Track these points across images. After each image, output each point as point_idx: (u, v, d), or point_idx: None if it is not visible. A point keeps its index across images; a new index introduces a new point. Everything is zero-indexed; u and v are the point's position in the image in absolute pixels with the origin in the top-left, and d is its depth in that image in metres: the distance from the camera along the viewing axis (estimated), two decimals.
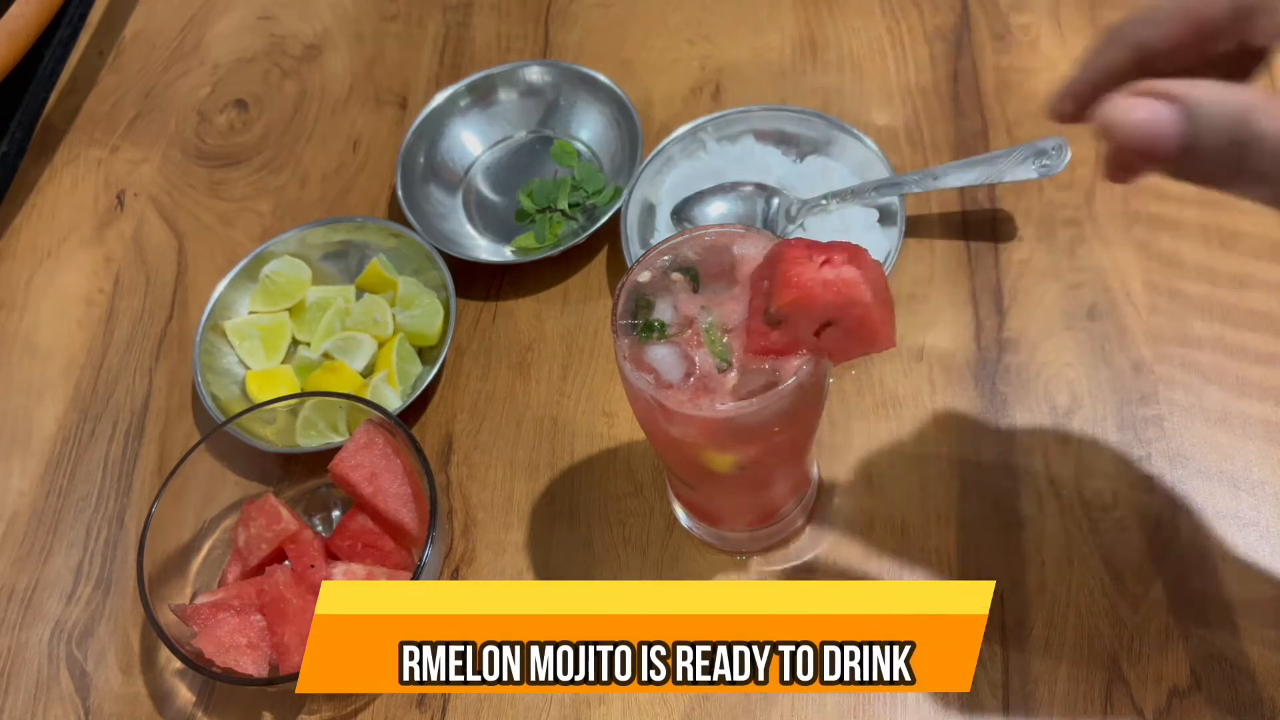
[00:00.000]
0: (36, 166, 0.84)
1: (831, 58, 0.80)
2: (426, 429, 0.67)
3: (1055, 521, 0.58)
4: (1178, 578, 0.56)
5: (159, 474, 0.68)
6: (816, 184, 0.70)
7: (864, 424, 0.63)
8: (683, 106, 0.79)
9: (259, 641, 0.56)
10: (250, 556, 0.59)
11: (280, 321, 0.71)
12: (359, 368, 0.68)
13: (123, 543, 0.66)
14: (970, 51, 0.78)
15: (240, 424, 0.62)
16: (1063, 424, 0.61)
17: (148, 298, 0.76)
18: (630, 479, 0.63)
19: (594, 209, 0.73)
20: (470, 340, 0.70)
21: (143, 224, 0.80)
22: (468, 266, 0.71)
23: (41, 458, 0.70)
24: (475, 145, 0.79)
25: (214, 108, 0.86)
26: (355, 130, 0.82)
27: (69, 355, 0.74)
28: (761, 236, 0.48)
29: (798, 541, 0.60)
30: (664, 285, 0.48)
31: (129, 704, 0.60)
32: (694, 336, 0.46)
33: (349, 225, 0.73)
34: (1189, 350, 0.63)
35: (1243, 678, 0.53)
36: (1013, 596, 0.57)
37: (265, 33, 0.90)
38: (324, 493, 0.65)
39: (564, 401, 0.67)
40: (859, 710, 0.55)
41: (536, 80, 0.79)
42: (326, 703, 0.58)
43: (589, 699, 0.57)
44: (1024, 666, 0.55)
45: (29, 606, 0.64)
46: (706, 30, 0.83)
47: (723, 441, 0.47)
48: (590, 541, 0.62)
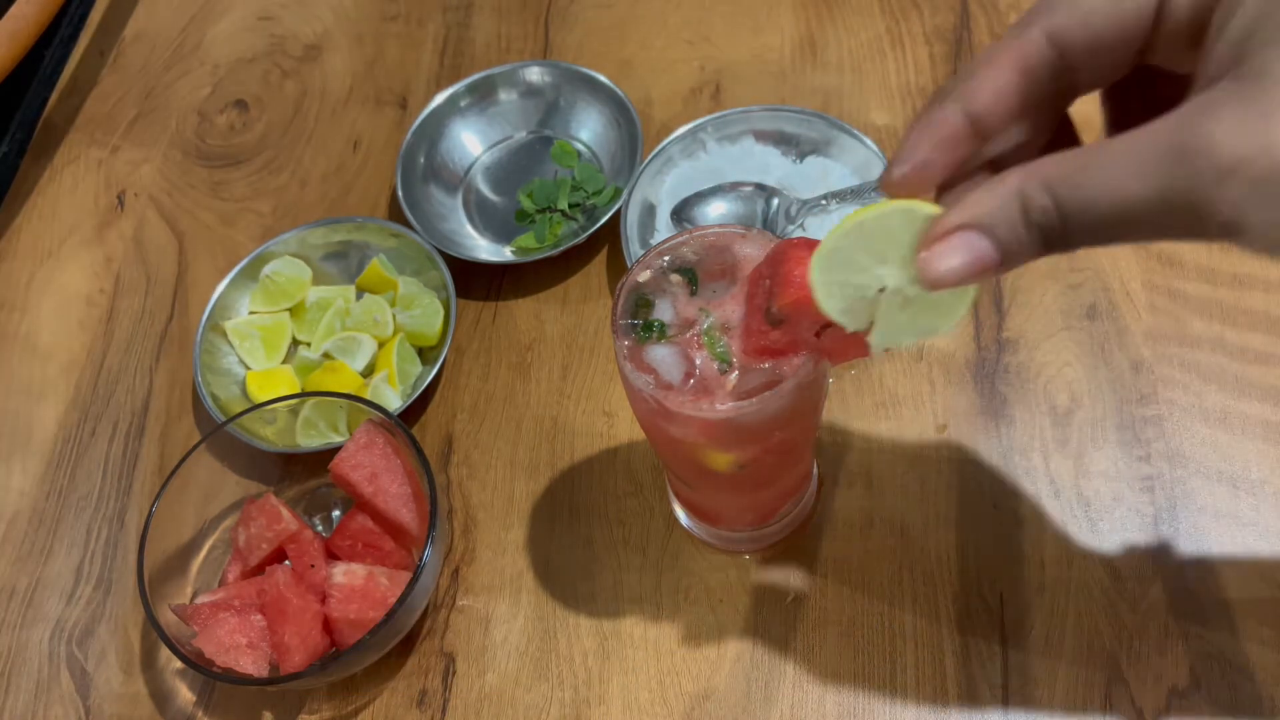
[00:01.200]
0: (37, 167, 0.84)
1: (831, 58, 0.80)
2: (426, 429, 0.67)
3: (1055, 521, 0.58)
4: (1178, 578, 0.56)
5: (159, 474, 0.68)
6: (816, 184, 0.70)
7: (864, 424, 0.63)
8: (683, 106, 0.79)
9: (259, 641, 0.56)
10: (250, 556, 0.59)
11: (280, 321, 0.71)
12: (359, 368, 0.68)
13: (123, 543, 0.66)
14: (970, 52, 0.78)
15: (240, 424, 0.62)
16: (1062, 424, 0.61)
17: (148, 298, 0.76)
18: (630, 479, 0.63)
19: (594, 209, 0.73)
20: (470, 340, 0.70)
21: (143, 224, 0.80)
22: (468, 266, 0.71)
23: (42, 458, 0.70)
24: (475, 145, 0.79)
25: (214, 108, 0.86)
26: (355, 130, 0.82)
27: (69, 355, 0.74)
28: (761, 237, 0.48)
29: (798, 541, 0.60)
30: (664, 285, 0.48)
31: (129, 704, 0.60)
32: (694, 337, 0.46)
33: (349, 225, 0.73)
34: (1189, 350, 0.63)
35: (1242, 678, 0.53)
36: (1012, 596, 0.57)
37: (265, 33, 0.90)
38: (324, 493, 0.65)
39: (564, 401, 0.67)
40: (859, 710, 0.55)
41: (536, 80, 0.79)
42: (326, 702, 0.59)
43: (589, 699, 0.57)
44: (1023, 666, 0.55)
45: (29, 606, 0.64)
46: (706, 30, 0.83)
47: (723, 441, 0.47)
48: (590, 541, 0.62)
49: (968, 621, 0.56)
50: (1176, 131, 0.28)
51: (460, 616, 0.60)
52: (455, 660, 0.59)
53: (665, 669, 0.57)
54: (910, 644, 0.56)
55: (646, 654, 0.58)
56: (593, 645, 0.58)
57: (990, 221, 0.31)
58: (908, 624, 0.57)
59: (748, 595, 0.59)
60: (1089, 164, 0.29)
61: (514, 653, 0.59)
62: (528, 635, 0.59)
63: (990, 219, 0.31)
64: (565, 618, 0.59)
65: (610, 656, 0.58)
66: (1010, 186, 0.31)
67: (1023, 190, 0.30)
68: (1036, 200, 0.30)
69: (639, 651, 0.58)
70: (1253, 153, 0.27)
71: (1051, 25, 0.30)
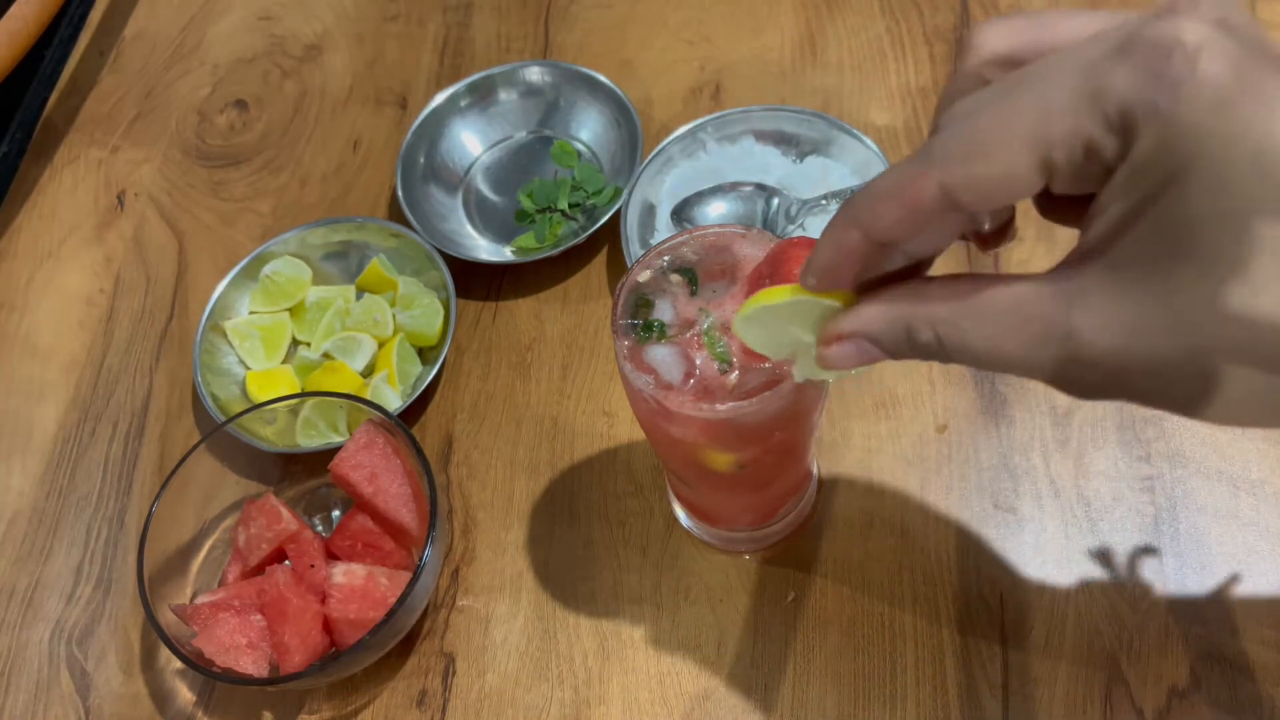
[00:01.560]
0: (37, 167, 0.84)
1: (831, 58, 0.80)
2: (426, 429, 0.67)
3: (1055, 521, 0.58)
4: (1178, 578, 0.56)
5: (159, 474, 0.68)
6: (816, 184, 0.70)
7: (864, 424, 0.63)
8: (683, 107, 0.79)
9: (259, 641, 0.56)
10: (250, 556, 0.59)
11: (280, 321, 0.71)
12: (359, 368, 0.68)
13: (123, 543, 0.66)
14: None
15: (240, 424, 0.62)
16: (1063, 424, 0.61)
17: (148, 298, 0.76)
18: (630, 479, 0.63)
19: (594, 209, 0.73)
20: (470, 340, 0.70)
21: (143, 224, 0.80)
22: (468, 266, 0.71)
23: (42, 458, 0.70)
24: (475, 145, 0.79)
25: (214, 108, 0.86)
26: (355, 130, 0.82)
27: (69, 355, 0.74)
28: (761, 236, 0.48)
29: (798, 541, 0.60)
30: (664, 285, 0.48)
31: (129, 704, 0.60)
32: (694, 337, 0.46)
33: (349, 225, 0.73)
34: None
35: (1243, 678, 0.53)
36: (1012, 596, 0.57)
37: (265, 33, 0.90)
38: (324, 493, 0.65)
39: (564, 401, 0.67)
40: (859, 710, 0.55)
41: (536, 80, 0.79)
42: (326, 702, 0.59)
43: (589, 699, 0.57)
44: (1023, 667, 0.55)
45: (29, 606, 0.64)
46: (706, 30, 0.83)
47: (723, 441, 0.47)
48: (590, 541, 0.62)
49: (968, 621, 0.56)
50: (1051, 310, 0.31)
51: (460, 616, 0.60)
52: (455, 660, 0.59)
53: (665, 669, 0.57)
54: (910, 644, 0.56)
55: (646, 654, 0.58)
56: (593, 645, 0.58)
57: (878, 335, 0.35)
58: (908, 624, 0.57)
59: (748, 595, 0.59)
60: (971, 313, 0.32)
61: (514, 653, 0.59)
62: (527, 635, 0.59)
63: (879, 334, 0.35)
64: (565, 618, 0.59)
65: (610, 656, 0.58)
66: (898, 313, 0.34)
67: (909, 322, 0.34)
68: (921, 334, 0.34)
69: (639, 651, 0.58)
70: (1115, 350, 0.30)
71: (944, 179, 0.31)
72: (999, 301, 0.32)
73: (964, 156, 0.30)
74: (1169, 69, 0.27)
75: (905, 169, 0.32)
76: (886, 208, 0.33)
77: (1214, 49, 0.27)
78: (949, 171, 0.31)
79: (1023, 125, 0.29)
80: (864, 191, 0.33)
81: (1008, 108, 0.30)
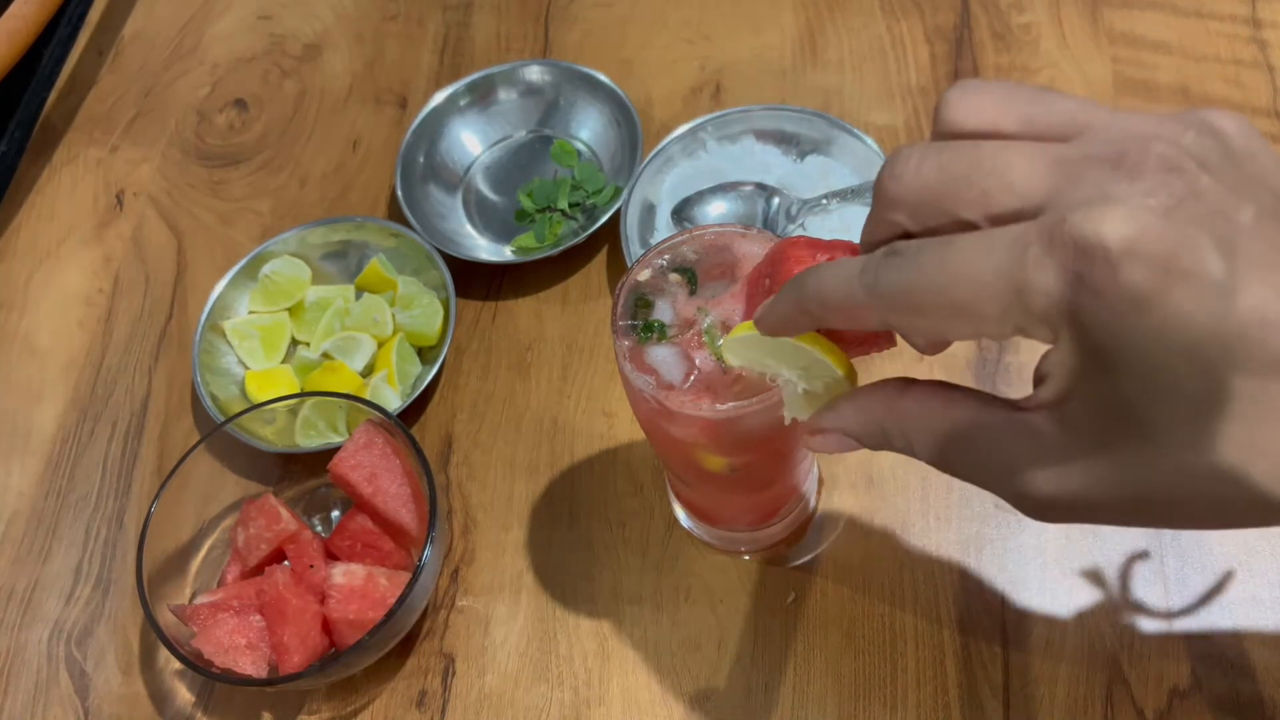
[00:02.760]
0: (36, 166, 0.84)
1: (831, 58, 0.80)
2: (426, 429, 0.67)
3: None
4: (1177, 578, 0.56)
5: (158, 474, 0.68)
6: (816, 184, 0.70)
7: None
8: (683, 106, 0.79)
9: (258, 642, 0.56)
10: (250, 556, 0.59)
11: (280, 321, 0.71)
12: (359, 368, 0.68)
13: (122, 543, 0.65)
14: (970, 51, 0.78)
15: (240, 424, 0.62)
16: None
17: (147, 298, 0.76)
18: (630, 479, 0.63)
19: (594, 209, 0.73)
20: (470, 340, 0.70)
21: (142, 224, 0.80)
22: (468, 266, 0.71)
23: (41, 458, 0.70)
24: (475, 145, 0.79)
25: (214, 107, 0.86)
26: (355, 130, 0.82)
27: (68, 355, 0.74)
28: (762, 236, 0.47)
29: (798, 541, 0.60)
30: (664, 285, 0.48)
31: (129, 704, 0.60)
32: (694, 337, 0.46)
33: (349, 225, 0.73)
34: None
35: (1243, 678, 0.53)
36: (1013, 597, 0.56)
37: (265, 32, 0.90)
38: (324, 493, 0.65)
39: (564, 401, 0.67)
40: (859, 710, 0.55)
41: (536, 80, 0.79)
42: (326, 703, 0.58)
43: (589, 699, 0.57)
44: (1024, 667, 0.55)
45: (28, 606, 0.64)
46: (706, 30, 0.83)
47: (724, 441, 0.47)
48: (590, 541, 0.62)
49: (968, 622, 0.56)
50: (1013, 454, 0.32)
51: (460, 617, 0.60)
52: (455, 661, 0.59)
53: (665, 669, 0.57)
54: (911, 644, 0.56)
55: (646, 654, 0.58)
56: (593, 646, 0.58)
57: (856, 434, 0.38)
58: (908, 624, 0.56)
59: (748, 595, 0.59)
60: (940, 436, 0.34)
61: (514, 653, 0.59)
62: (527, 636, 0.59)
63: (856, 433, 0.38)
64: (565, 618, 0.59)
65: (610, 657, 0.58)
66: (876, 418, 0.37)
67: (885, 428, 0.36)
68: (895, 441, 0.36)
69: (639, 651, 0.58)
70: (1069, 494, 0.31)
71: (888, 319, 0.32)
72: (967, 427, 0.34)
73: (906, 309, 0.31)
74: (1091, 274, 0.27)
75: (853, 291, 0.33)
76: (834, 317, 0.34)
77: (1137, 250, 0.27)
78: (893, 315, 0.32)
79: (960, 296, 0.30)
80: (814, 286, 0.34)
81: (947, 276, 0.30)
